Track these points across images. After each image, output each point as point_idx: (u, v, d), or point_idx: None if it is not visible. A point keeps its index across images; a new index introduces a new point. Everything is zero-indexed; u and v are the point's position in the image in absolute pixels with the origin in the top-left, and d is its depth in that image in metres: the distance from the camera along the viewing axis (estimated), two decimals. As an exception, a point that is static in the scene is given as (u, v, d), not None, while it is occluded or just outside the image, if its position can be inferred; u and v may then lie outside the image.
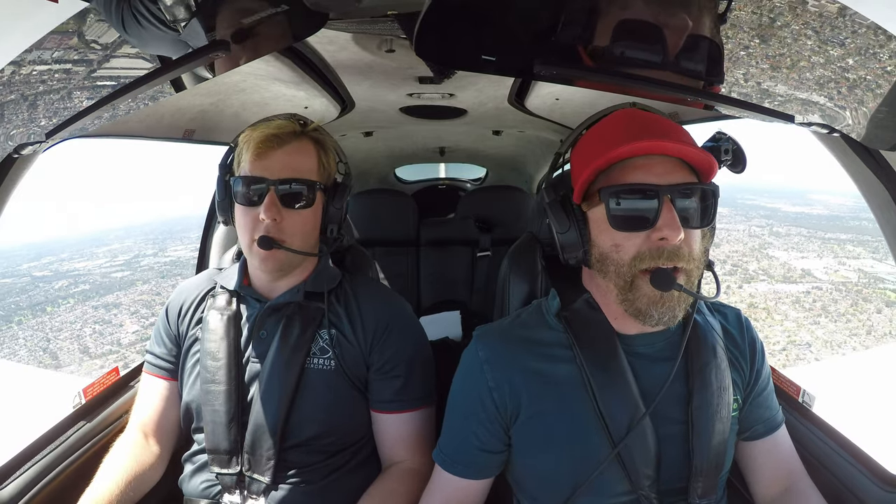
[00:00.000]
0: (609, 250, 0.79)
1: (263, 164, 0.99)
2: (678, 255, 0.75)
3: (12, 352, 29.88)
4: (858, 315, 30.54)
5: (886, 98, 0.74)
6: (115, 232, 58.40)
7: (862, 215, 39.61)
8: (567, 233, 0.82)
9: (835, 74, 0.73)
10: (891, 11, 0.59)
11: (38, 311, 34.12)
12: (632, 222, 0.76)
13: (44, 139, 0.85)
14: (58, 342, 30.55)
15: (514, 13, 0.75)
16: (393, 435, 1.06)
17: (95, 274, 39.60)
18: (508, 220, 2.74)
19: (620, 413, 0.81)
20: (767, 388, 0.93)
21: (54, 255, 43.15)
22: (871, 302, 31.98)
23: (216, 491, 1.03)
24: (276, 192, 0.98)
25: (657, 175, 0.75)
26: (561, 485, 0.84)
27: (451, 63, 1.15)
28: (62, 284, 37.74)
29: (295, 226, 1.00)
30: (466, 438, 0.88)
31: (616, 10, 0.69)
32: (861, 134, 0.82)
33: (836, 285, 32.98)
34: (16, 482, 0.99)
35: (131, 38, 0.73)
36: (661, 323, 0.78)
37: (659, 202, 0.74)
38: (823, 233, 39.48)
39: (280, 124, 1.02)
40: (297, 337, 1.03)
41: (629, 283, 0.77)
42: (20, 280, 38.28)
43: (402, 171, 3.20)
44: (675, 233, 0.74)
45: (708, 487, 0.83)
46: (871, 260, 35.32)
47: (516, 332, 0.90)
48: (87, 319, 32.58)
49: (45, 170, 40.23)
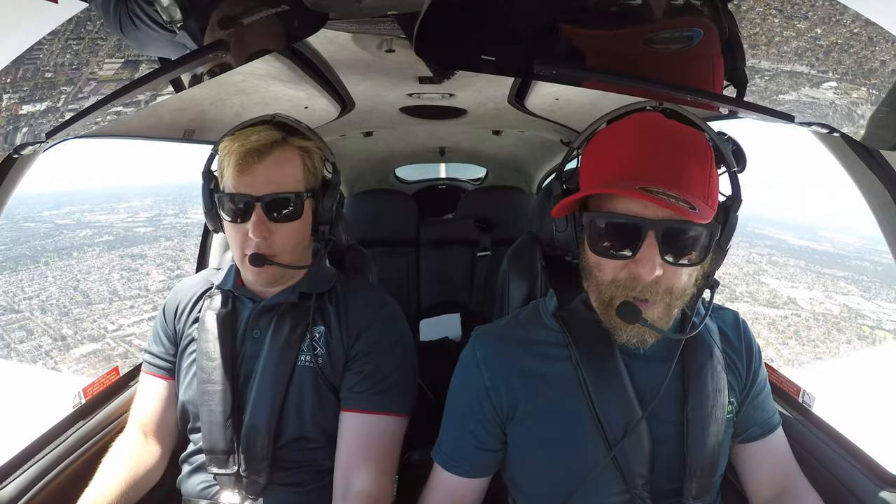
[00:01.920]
0: (593, 265, 0.79)
1: (247, 179, 0.96)
2: (653, 290, 0.74)
3: (42, 287, 30.53)
4: (828, 343, 30.95)
5: (886, 98, 0.74)
6: (133, 190, 59.15)
7: (866, 257, 40.11)
8: (564, 233, 0.82)
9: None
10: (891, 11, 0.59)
11: (63, 255, 34.73)
12: (611, 250, 0.75)
13: (44, 139, 0.85)
14: (87, 283, 31.28)
15: (514, 13, 0.75)
16: (352, 437, 0.98)
17: (118, 227, 40.26)
18: (508, 220, 2.74)
19: (616, 413, 0.81)
20: (764, 391, 0.93)
21: (74, 206, 43.56)
22: (845, 333, 32.36)
23: (214, 491, 1.03)
24: (263, 209, 0.96)
25: (646, 206, 0.72)
26: (556, 484, 0.84)
27: (451, 63, 1.15)
28: (86, 233, 38.39)
29: (285, 239, 0.99)
30: (464, 437, 0.89)
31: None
32: (861, 134, 0.82)
33: (815, 315, 33.58)
34: (16, 482, 0.98)
35: (129, 41, 0.73)
36: (630, 343, 0.79)
37: (642, 237, 0.72)
38: (821, 267, 39.67)
39: (259, 135, 0.97)
40: (287, 335, 1.03)
41: (606, 301, 0.78)
42: (43, 225, 38.72)
43: (402, 171, 3.20)
44: (650, 272, 0.72)
45: (702, 489, 0.83)
46: (859, 297, 35.82)
47: (513, 332, 0.91)
48: (114, 266, 33.32)
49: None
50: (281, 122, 1.03)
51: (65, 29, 0.67)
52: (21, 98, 0.76)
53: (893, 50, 0.67)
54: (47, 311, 28.88)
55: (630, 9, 0.68)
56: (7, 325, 26.81)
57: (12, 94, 0.75)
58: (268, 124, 1.01)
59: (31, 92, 0.76)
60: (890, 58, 0.68)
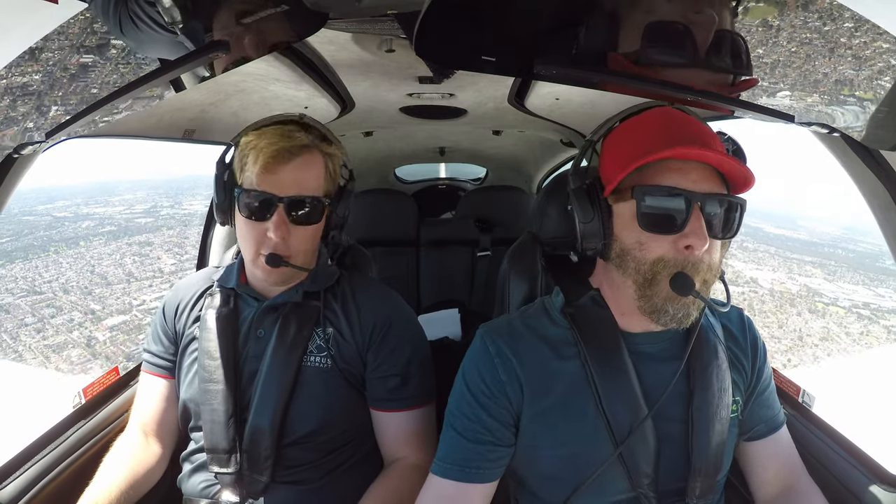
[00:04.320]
0: (632, 247, 0.79)
1: (273, 178, 0.96)
2: (699, 267, 0.75)
3: (59, 273, 30.99)
4: (778, 314, 31.77)
5: (886, 98, 0.74)
6: (122, 184, 59.65)
7: (840, 245, 40.62)
8: (591, 223, 0.81)
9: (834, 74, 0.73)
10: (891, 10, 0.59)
11: (71, 244, 35.14)
12: (660, 224, 0.76)
13: (44, 139, 0.85)
14: (102, 267, 31.98)
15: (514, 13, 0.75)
16: (394, 433, 1.06)
17: (118, 218, 40.65)
18: (508, 220, 2.74)
19: (623, 411, 0.81)
20: (769, 389, 0.93)
21: (68, 200, 43.75)
22: (796, 307, 33.11)
23: (215, 490, 1.03)
24: (285, 210, 0.97)
25: (692, 181, 0.75)
26: (562, 482, 0.83)
27: (451, 63, 1.15)
28: (87, 224, 38.76)
29: (301, 241, 1.00)
30: (478, 435, 0.85)
31: (641, 13, 0.69)
32: (861, 134, 0.82)
33: (773, 292, 34.39)
34: (16, 482, 0.98)
35: (128, 41, 0.73)
36: (674, 321, 0.78)
37: (689, 209, 0.74)
38: (791, 253, 39.96)
39: (290, 135, 0.98)
40: (294, 335, 1.03)
41: (649, 280, 0.77)
42: (42, 218, 38.95)
43: (402, 171, 3.20)
44: (702, 242, 0.74)
45: (706, 488, 0.83)
46: (821, 279, 36.42)
47: (523, 328, 0.89)
48: (124, 252, 34.02)
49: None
50: (309, 125, 1.04)
51: (64, 29, 0.67)
52: (21, 98, 0.76)
53: (893, 50, 0.67)
54: (70, 291, 29.60)
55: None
56: (35, 304, 27.43)
57: (12, 93, 0.75)
58: (296, 125, 1.02)
59: (31, 91, 0.76)
60: (889, 58, 0.68)
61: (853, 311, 32.00)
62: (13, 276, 30.16)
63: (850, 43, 0.68)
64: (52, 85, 0.76)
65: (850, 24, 0.65)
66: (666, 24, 0.69)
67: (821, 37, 0.69)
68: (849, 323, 31.27)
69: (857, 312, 31.84)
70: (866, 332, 30.13)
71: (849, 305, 32.69)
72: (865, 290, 34.12)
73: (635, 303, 0.80)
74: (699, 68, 0.71)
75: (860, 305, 32.44)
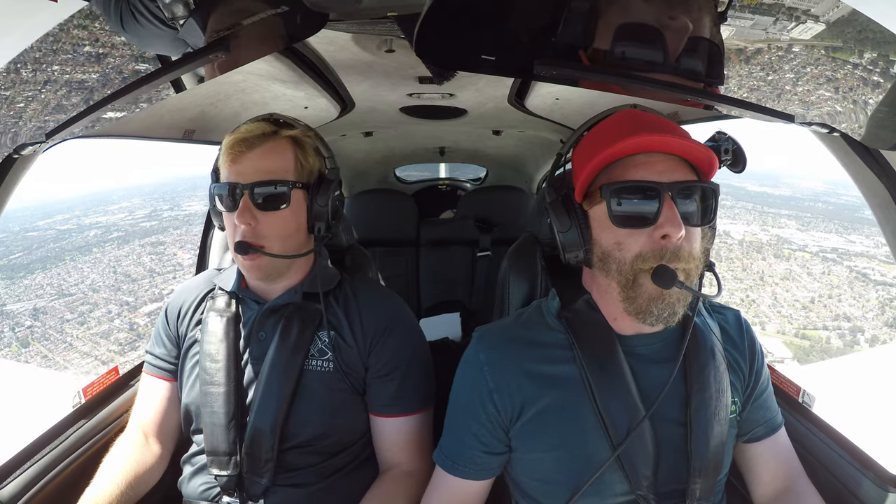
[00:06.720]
0: (611, 248, 0.79)
1: (236, 168, 0.98)
2: (679, 255, 0.75)
3: (82, 277, 32.68)
4: (743, 259, 32.98)
5: (886, 98, 0.74)
6: (115, 192, 60.13)
7: (822, 198, 40.93)
8: (568, 232, 0.83)
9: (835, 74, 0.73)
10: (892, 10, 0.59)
11: (84, 251, 36.33)
12: (633, 220, 0.77)
13: (44, 139, 0.85)
14: (123, 267, 33.62)
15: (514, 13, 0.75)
16: (391, 438, 1.06)
17: (122, 225, 41.91)
18: (508, 220, 2.74)
19: (620, 414, 0.81)
20: (767, 390, 0.93)
21: (67, 213, 44.77)
22: (762, 252, 34.00)
23: (215, 493, 1.03)
24: (251, 197, 0.97)
25: (658, 172, 0.76)
26: (561, 486, 0.84)
27: (451, 64, 1.15)
28: (94, 233, 39.91)
29: (272, 228, 0.99)
30: (467, 439, 0.88)
31: (616, 13, 0.69)
32: (861, 134, 0.82)
33: (742, 242, 35.21)
34: (16, 482, 0.98)
35: (130, 38, 0.73)
36: (660, 321, 0.78)
37: (660, 200, 0.75)
38: (768, 208, 40.05)
39: (250, 127, 1.01)
40: (295, 338, 1.03)
41: (631, 280, 0.78)
42: (47, 232, 40.15)
43: (402, 171, 3.20)
44: (677, 229, 0.74)
45: (706, 490, 0.83)
46: (794, 230, 37.11)
47: (517, 332, 0.90)
48: (140, 253, 35.49)
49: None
50: (276, 119, 1.06)
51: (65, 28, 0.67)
52: (21, 98, 0.77)
53: (893, 50, 0.67)
54: (98, 290, 31.23)
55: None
56: (69, 304, 29.25)
57: (12, 93, 0.75)
58: (265, 121, 1.04)
59: (31, 92, 0.76)
60: (889, 57, 0.68)
61: (819, 255, 33.12)
62: (38, 284, 31.67)
63: (850, 42, 0.68)
64: (52, 85, 0.76)
65: (850, 23, 0.65)
66: (638, 25, 0.69)
67: (821, 37, 0.69)
68: (812, 265, 32.42)
69: (822, 256, 32.97)
70: (828, 272, 31.30)
71: (816, 251, 33.88)
72: (837, 237, 35.14)
73: (621, 305, 0.81)
74: (666, 73, 0.70)
75: (828, 250, 33.53)
